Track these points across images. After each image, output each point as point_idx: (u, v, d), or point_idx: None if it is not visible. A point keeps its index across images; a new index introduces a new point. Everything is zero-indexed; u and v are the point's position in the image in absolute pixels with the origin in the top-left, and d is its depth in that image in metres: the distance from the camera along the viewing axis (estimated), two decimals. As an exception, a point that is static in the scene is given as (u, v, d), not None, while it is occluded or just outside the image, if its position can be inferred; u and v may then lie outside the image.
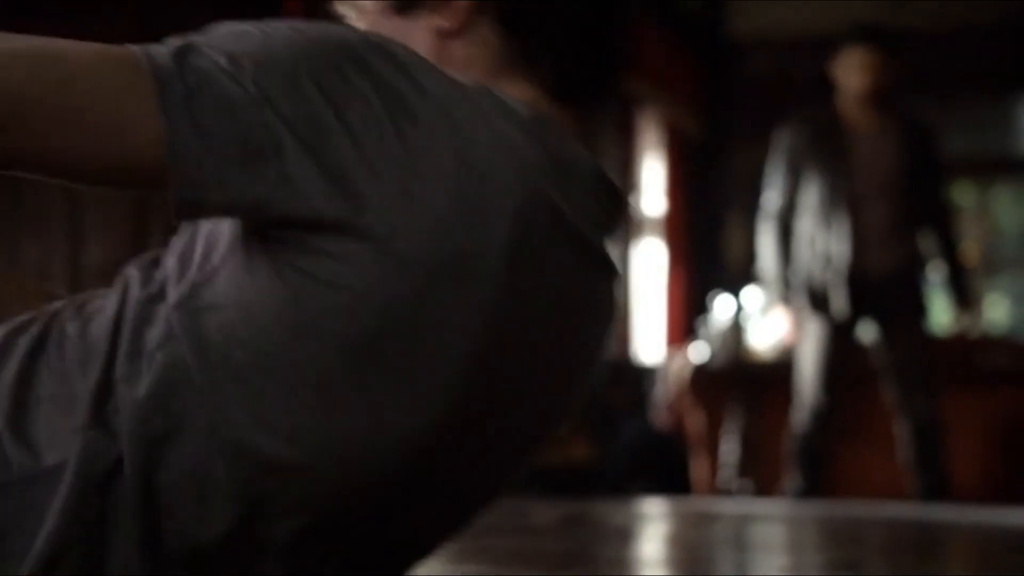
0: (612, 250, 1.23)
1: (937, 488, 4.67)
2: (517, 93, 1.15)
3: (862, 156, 4.72)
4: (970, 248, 10.49)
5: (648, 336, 9.58)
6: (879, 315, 4.73)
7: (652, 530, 3.95)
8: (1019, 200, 12.08)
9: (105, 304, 1.15)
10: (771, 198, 4.81)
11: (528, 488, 6.82)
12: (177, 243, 1.14)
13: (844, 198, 4.66)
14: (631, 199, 1.33)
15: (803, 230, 4.75)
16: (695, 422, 5.79)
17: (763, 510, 4.56)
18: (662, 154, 9.82)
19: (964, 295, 4.89)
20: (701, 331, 5.82)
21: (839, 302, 4.63)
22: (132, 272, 1.16)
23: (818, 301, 4.68)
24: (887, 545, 3.54)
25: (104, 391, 1.09)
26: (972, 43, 10.01)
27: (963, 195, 10.98)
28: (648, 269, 9.66)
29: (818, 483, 4.79)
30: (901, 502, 4.72)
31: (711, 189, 10.59)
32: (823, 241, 4.68)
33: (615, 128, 8.96)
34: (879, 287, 4.69)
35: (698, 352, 5.74)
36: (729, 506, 4.89)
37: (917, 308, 4.71)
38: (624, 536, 3.62)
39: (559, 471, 6.86)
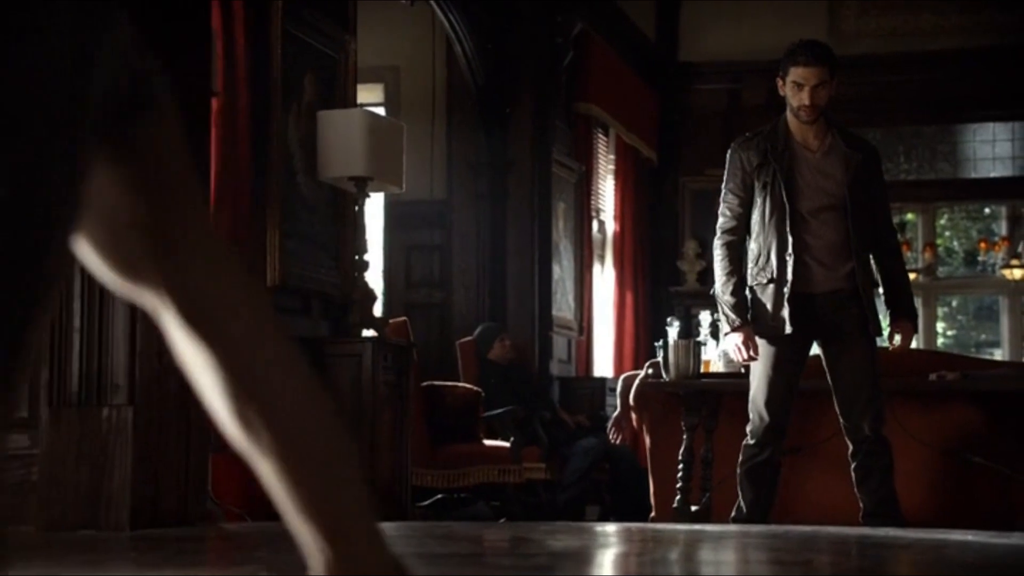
0: None
1: (884, 506, 4.72)
2: None
3: (808, 175, 4.76)
4: (917, 268, 10.64)
5: (604, 355, 9.63)
6: (824, 334, 4.77)
7: (604, 552, 3.98)
8: (964, 223, 12.26)
9: None
10: (724, 218, 4.83)
11: (485, 504, 6.86)
12: None
13: (789, 216, 4.70)
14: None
15: (750, 248, 4.80)
16: (649, 441, 5.82)
17: (714, 531, 4.59)
18: (619, 177, 9.88)
19: (906, 314, 4.87)
20: (656, 350, 5.85)
21: (784, 321, 4.67)
22: None
23: (765, 321, 4.72)
24: (836, 566, 3.59)
25: None
26: (921, 71, 10.14)
27: (911, 217, 11.11)
28: (605, 290, 9.72)
29: (768, 504, 4.82)
30: (849, 522, 4.76)
31: (665, 210, 10.66)
32: (768, 260, 4.72)
33: (576, 153, 9.02)
34: (824, 306, 4.73)
35: (653, 371, 5.77)
36: (681, 527, 4.92)
37: (862, 327, 4.71)
38: (576, 558, 3.64)
39: (515, 488, 6.90)
